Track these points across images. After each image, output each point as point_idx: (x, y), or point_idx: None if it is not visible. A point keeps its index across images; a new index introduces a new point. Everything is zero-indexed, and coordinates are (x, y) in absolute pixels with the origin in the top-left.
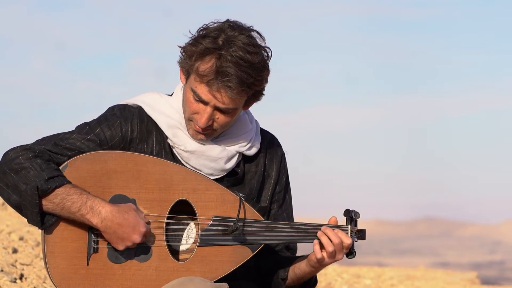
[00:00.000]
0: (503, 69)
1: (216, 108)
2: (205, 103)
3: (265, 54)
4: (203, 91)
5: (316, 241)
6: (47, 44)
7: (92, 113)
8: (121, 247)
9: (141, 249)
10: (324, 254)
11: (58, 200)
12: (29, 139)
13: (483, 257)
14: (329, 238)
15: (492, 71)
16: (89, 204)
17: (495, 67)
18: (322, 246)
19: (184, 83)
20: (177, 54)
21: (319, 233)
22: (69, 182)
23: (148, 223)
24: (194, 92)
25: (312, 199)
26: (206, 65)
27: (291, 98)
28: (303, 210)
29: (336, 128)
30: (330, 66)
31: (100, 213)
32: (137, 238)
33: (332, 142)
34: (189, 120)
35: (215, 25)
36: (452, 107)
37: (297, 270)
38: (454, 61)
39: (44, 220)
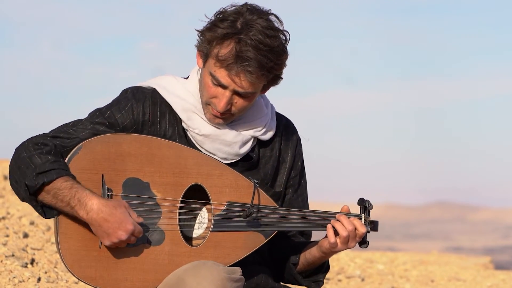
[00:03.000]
0: None
1: (235, 92)
2: (224, 87)
3: (284, 37)
4: (222, 75)
5: (330, 226)
6: (56, 27)
7: (102, 97)
8: (107, 242)
9: (154, 233)
10: (338, 240)
11: (51, 195)
12: (38, 123)
13: (496, 242)
14: (343, 225)
15: (507, 53)
16: (77, 197)
17: (509, 49)
18: (336, 232)
19: (201, 67)
20: (188, 38)
21: (333, 221)
22: (61, 176)
23: (142, 225)
24: (213, 76)
25: (323, 183)
26: (225, 49)
27: (301, 83)
28: (315, 194)
29: (347, 112)
30: (341, 51)
31: (86, 205)
32: (122, 235)
33: (342, 126)
34: (206, 104)
35: (233, 8)
36: (465, 89)
37: (308, 255)
38: (468, 43)
39: (46, 212)
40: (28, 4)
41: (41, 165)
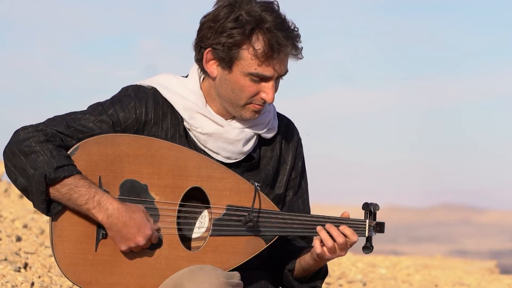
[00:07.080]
0: None
1: (276, 79)
2: (268, 78)
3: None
4: (266, 69)
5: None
6: (53, 26)
7: (100, 97)
8: (124, 247)
9: None
10: (325, 249)
11: (65, 190)
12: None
13: (503, 245)
14: (330, 235)
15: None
16: (96, 199)
17: None
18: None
19: (215, 75)
20: (189, 37)
21: (318, 228)
22: (79, 173)
23: (158, 230)
24: (253, 75)
25: (325, 184)
26: (258, 44)
27: (304, 82)
28: (317, 196)
29: (350, 111)
30: (343, 51)
31: (107, 209)
32: (141, 240)
33: (346, 126)
34: (245, 104)
35: (225, 7)
36: (470, 90)
37: (302, 261)
38: (477, 42)
39: (50, 208)
40: (22, 2)
41: (59, 158)
